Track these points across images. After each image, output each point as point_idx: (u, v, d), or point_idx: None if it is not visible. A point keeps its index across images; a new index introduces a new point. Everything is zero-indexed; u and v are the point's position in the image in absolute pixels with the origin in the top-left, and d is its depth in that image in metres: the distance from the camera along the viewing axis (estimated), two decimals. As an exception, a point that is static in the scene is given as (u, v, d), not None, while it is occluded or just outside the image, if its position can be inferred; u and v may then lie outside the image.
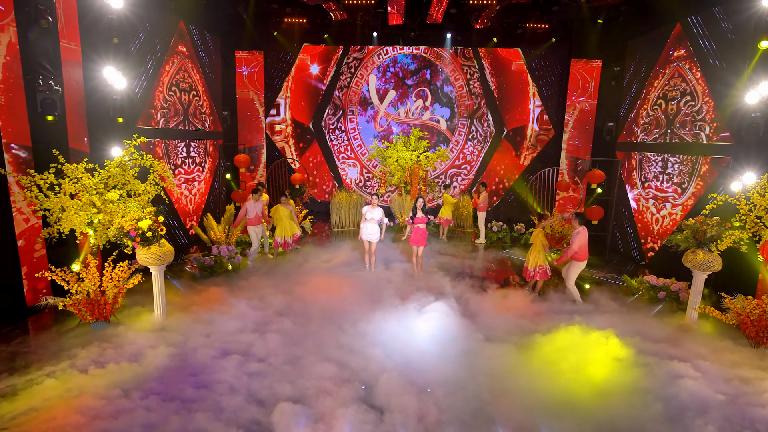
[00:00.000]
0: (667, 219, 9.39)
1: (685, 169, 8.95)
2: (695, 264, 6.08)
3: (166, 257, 5.37)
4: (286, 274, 7.79)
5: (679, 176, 9.09)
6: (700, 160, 8.56)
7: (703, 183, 8.51)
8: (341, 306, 6.26)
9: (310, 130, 14.21)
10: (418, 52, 13.84)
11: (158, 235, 5.23)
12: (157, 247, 5.25)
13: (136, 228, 5.05)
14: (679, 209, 9.07)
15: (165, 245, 5.37)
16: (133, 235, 5.06)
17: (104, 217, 5.39)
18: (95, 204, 5.38)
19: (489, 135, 14.21)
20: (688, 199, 8.82)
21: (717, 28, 8.17)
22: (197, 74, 10.14)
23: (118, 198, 5.48)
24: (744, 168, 7.40)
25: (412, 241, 8.03)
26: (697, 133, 8.64)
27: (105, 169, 5.66)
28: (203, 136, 10.42)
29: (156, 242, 5.26)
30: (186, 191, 9.74)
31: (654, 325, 6.24)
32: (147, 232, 5.10)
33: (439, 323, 5.89)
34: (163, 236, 5.36)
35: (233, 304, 6.20)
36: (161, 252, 5.27)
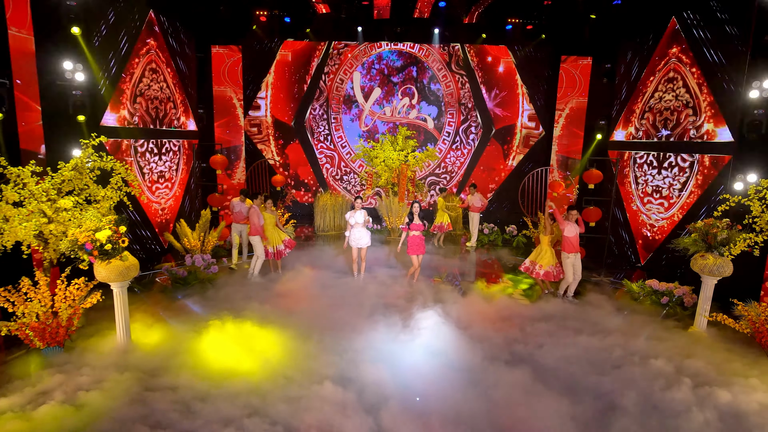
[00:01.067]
0: (663, 220, 9.13)
1: (683, 169, 8.68)
2: (705, 269, 5.74)
3: (130, 272, 4.73)
4: (265, 285, 7.18)
5: (676, 176, 8.83)
6: (699, 158, 8.30)
7: (702, 183, 8.24)
8: (330, 322, 5.68)
9: (292, 130, 13.58)
10: (404, 49, 13.36)
11: (119, 248, 4.59)
12: (118, 261, 4.60)
13: (93, 240, 4.40)
14: (677, 210, 8.81)
15: (128, 258, 4.72)
16: (90, 248, 4.40)
17: (56, 227, 4.71)
18: (45, 213, 4.70)
19: (477, 134, 13.84)
20: (687, 200, 8.56)
21: (715, 22, 7.90)
22: (169, 69, 9.43)
23: (72, 206, 4.81)
24: (746, 167, 7.13)
25: (411, 251, 7.46)
26: (694, 131, 8.38)
27: (58, 173, 4.98)
28: (176, 135, 9.71)
29: (117, 255, 4.61)
30: (158, 195, 9.02)
31: (665, 335, 5.88)
32: (106, 245, 4.45)
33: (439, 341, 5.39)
34: (126, 248, 4.72)
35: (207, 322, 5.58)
36: (123, 266, 4.63)
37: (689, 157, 8.51)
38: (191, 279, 6.99)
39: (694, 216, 8.38)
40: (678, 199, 8.75)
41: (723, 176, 7.69)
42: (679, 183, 8.73)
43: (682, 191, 8.66)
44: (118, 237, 4.57)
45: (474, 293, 7.25)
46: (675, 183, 8.82)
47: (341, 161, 13.96)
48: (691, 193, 8.45)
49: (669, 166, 8.99)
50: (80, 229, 4.48)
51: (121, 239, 4.56)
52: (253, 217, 7.28)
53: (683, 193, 8.63)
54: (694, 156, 8.39)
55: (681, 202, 8.70)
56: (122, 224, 4.68)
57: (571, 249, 7.03)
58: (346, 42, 13.11)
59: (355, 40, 13.05)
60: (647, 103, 9.59)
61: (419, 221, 7.46)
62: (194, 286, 6.94)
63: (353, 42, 13.11)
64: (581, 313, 6.58)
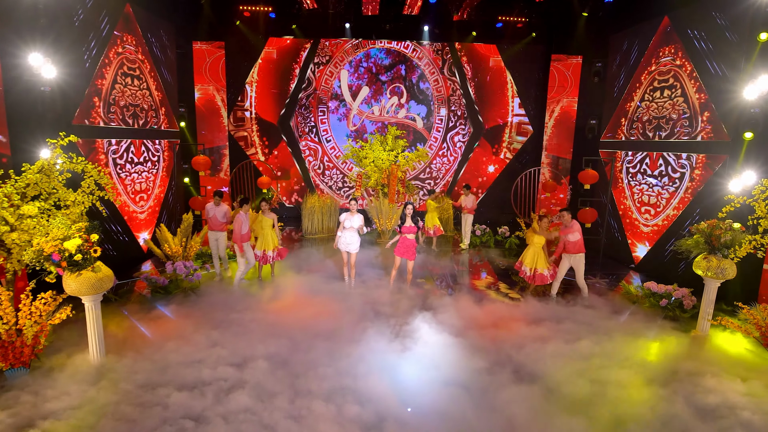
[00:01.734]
0: (655, 220, 9.04)
1: (676, 168, 8.60)
2: (708, 271, 5.59)
3: (103, 284, 4.32)
4: (251, 292, 6.79)
5: (669, 176, 8.74)
6: (693, 158, 8.22)
7: (696, 183, 8.16)
8: (322, 334, 5.33)
9: (278, 130, 13.17)
10: (392, 47, 13.07)
11: (91, 258, 4.18)
12: (90, 273, 4.19)
13: (61, 250, 3.99)
14: (671, 210, 8.72)
15: (101, 269, 4.31)
16: (57, 259, 3.99)
17: (20, 236, 4.28)
18: (7, 220, 4.26)
19: (468, 133, 13.64)
20: (681, 200, 8.47)
21: (709, 21, 7.81)
22: (148, 65, 8.95)
23: (38, 212, 4.38)
24: (742, 166, 7.05)
25: (399, 253, 7.19)
26: (688, 131, 8.30)
27: (22, 176, 4.54)
28: (156, 135, 9.23)
29: (89, 266, 4.20)
30: (136, 198, 8.54)
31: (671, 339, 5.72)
32: (76, 255, 4.04)
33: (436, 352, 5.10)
34: (99, 258, 4.31)
35: (191, 336, 5.18)
36: (96, 278, 4.22)
37: (683, 156, 8.43)
38: (172, 287, 6.56)
39: (688, 217, 8.31)
40: (671, 199, 8.66)
41: (718, 176, 7.60)
42: (673, 183, 8.64)
43: (675, 191, 8.57)
44: (90, 246, 4.16)
45: (468, 297, 7.00)
46: (668, 183, 8.73)
47: (324, 155, 13.53)
48: (686, 193, 8.36)
49: (662, 166, 8.91)
50: (47, 238, 4.06)
51: (93, 248, 4.15)
52: (236, 224, 6.81)
53: (677, 194, 8.54)
54: (689, 156, 8.30)
55: (674, 203, 8.61)
56: (94, 232, 4.27)
57: (582, 249, 7.05)
58: (334, 39, 12.77)
59: (342, 37, 12.72)
60: (639, 102, 9.50)
61: (411, 223, 7.16)
62: (176, 295, 6.51)
63: (341, 39, 12.79)
64: (580, 317, 6.39)
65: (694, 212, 8.19)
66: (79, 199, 4.73)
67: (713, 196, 7.67)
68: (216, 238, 7.37)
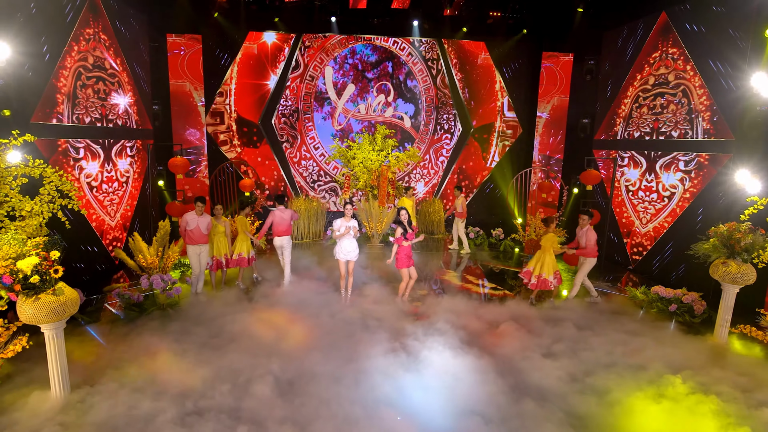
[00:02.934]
0: (654, 221, 8.85)
1: (676, 168, 8.41)
2: (727, 276, 5.33)
3: (66, 309, 3.68)
4: (236, 308, 6.15)
5: (669, 176, 8.55)
6: (694, 158, 8.03)
7: (698, 183, 7.98)
8: (321, 359, 4.79)
9: (259, 129, 12.48)
10: (377, 42, 12.57)
11: (51, 279, 3.53)
12: (49, 297, 3.55)
13: (13, 271, 3.34)
14: (669, 211, 8.53)
15: (63, 292, 3.67)
16: (9, 282, 3.34)
17: (-38, 254, 3.60)
18: (-54, 235, 3.57)
19: (455, 135, 13.28)
20: (681, 201, 8.28)
21: (710, 17, 7.63)
22: (118, 58, 8.18)
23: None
24: (748, 166, 6.87)
25: (402, 264, 6.58)
26: (688, 129, 8.11)
27: (-34, 182, 3.85)
28: (127, 135, 8.47)
29: (48, 289, 3.55)
30: (105, 204, 7.77)
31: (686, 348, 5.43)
32: (32, 276, 3.39)
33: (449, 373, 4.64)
34: (60, 278, 3.67)
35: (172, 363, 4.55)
36: (57, 303, 3.57)
37: (683, 155, 8.24)
38: (149, 304, 5.88)
39: (689, 218, 8.13)
40: (671, 200, 8.48)
41: (722, 175, 7.42)
42: (673, 183, 8.46)
43: (676, 192, 8.38)
44: (50, 265, 3.52)
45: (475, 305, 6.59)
46: (668, 183, 8.54)
47: (303, 144, 12.83)
48: (686, 194, 8.17)
49: (662, 166, 8.72)
50: (-4, 256, 3.40)
51: (53, 268, 3.51)
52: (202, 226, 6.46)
53: (677, 195, 8.35)
54: (689, 155, 8.12)
55: (674, 204, 8.42)
56: (55, 248, 3.62)
57: (596, 254, 6.97)
58: (318, 34, 12.19)
59: (327, 32, 12.15)
60: (636, 100, 9.30)
61: (408, 229, 6.67)
62: (153, 312, 5.83)
63: (326, 34, 12.21)
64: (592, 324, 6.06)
65: (696, 212, 8.01)
66: (36, 208, 4.05)
67: (718, 196, 7.50)
68: (199, 252, 6.64)
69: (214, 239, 6.77)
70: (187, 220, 6.44)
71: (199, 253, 6.66)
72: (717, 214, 7.52)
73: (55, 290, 3.59)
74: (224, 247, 6.95)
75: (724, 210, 7.32)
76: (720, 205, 7.43)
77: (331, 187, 13.07)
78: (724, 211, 7.35)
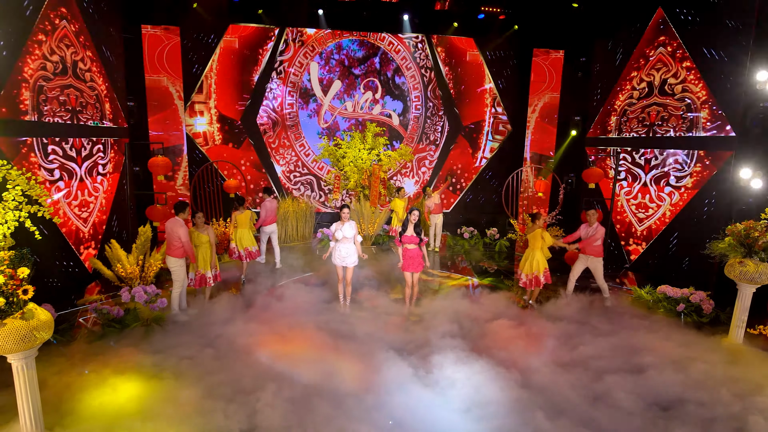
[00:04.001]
0: (652, 218, 8.77)
1: (673, 166, 8.34)
2: (744, 276, 5.19)
3: (38, 335, 3.14)
4: (230, 325, 5.55)
5: (666, 173, 8.48)
6: (694, 155, 7.97)
7: (697, 181, 7.92)
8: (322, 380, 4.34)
9: (241, 127, 11.88)
10: (364, 38, 12.17)
11: (19, 301, 3.00)
12: (17, 322, 3.01)
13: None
14: (668, 209, 8.47)
15: (33, 315, 3.13)
16: (-32, 307, 2.80)
17: None
18: None
19: (444, 131, 13.01)
20: (680, 198, 8.22)
21: (709, 11, 7.56)
22: (89, 51, 7.49)
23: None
24: (750, 163, 6.81)
25: (406, 268, 6.27)
26: (688, 126, 8.04)
27: None
28: (100, 133, 7.78)
29: (16, 313, 3.01)
30: (77, 208, 7.09)
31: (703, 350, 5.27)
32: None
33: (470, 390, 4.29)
34: (31, 299, 3.13)
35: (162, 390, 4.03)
36: (26, 329, 3.04)
37: (682, 152, 8.17)
38: (131, 319, 5.30)
39: (689, 215, 8.07)
40: (670, 197, 8.41)
41: (724, 172, 7.37)
42: (672, 180, 8.39)
43: (675, 189, 8.32)
44: (17, 285, 2.98)
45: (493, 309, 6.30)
46: (667, 180, 8.47)
47: (283, 131, 12.27)
48: (685, 195, 8.11)
49: (658, 163, 8.64)
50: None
51: (21, 288, 2.98)
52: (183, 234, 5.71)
53: (676, 192, 8.28)
54: (684, 170, 8.07)
55: (673, 201, 8.36)
56: (24, 264, 3.08)
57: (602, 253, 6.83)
58: (304, 28, 11.69)
59: (314, 26, 11.66)
60: (631, 97, 9.20)
61: (413, 233, 6.30)
62: (135, 329, 5.26)
63: (312, 28, 11.72)
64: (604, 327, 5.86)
65: (696, 209, 7.95)
66: (1, 217, 3.48)
67: (720, 193, 7.45)
68: (183, 264, 5.95)
69: (198, 252, 6.01)
70: (171, 229, 5.71)
71: (183, 265, 5.91)
72: (718, 211, 7.48)
73: (24, 313, 3.05)
74: (209, 260, 6.10)
75: (726, 207, 7.27)
76: (721, 202, 7.37)
77: (307, 180, 12.54)
78: (725, 208, 7.31)
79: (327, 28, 11.67)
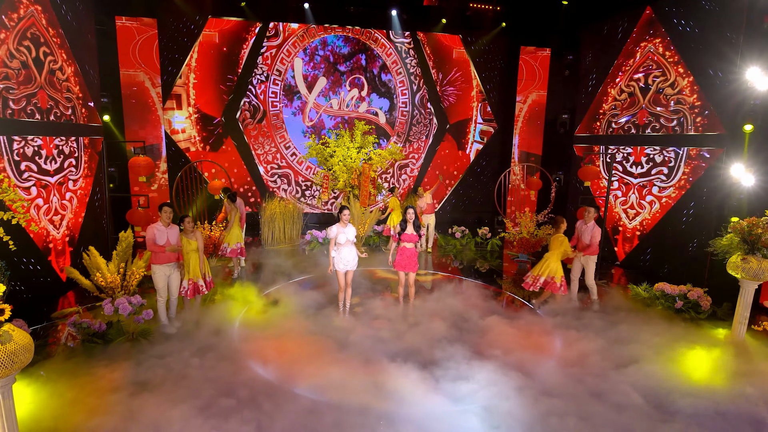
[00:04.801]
0: (642, 215, 8.84)
1: (660, 163, 8.42)
2: (748, 273, 5.19)
3: (15, 360, 2.74)
4: (222, 338, 5.15)
5: (653, 171, 8.55)
6: (683, 152, 8.04)
7: (686, 178, 8.00)
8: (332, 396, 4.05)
9: (222, 125, 11.39)
10: (350, 34, 11.87)
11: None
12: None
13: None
14: (657, 206, 8.54)
15: (10, 337, 2.74)
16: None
17: None
18: None
19: (432, 129, 12.86)
20: (669, 196, 8.29)
21: (698, 10, 7.62)
22: (58, 39, 6.93)
23: None
24: (744, 161, 6.90)
25: (399, 266, 6.11)
26: (676, 124, 8.11)
27: None
28: (73, 131, 7.23)
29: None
30: (48, 212, 6.54)
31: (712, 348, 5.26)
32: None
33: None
34: (8, 320, 2.74)
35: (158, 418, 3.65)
36: (3, 354, 2.64)
37: (672, 150, 8.25)
38: (114, 333, 4.87)
39: (679, 212, 8.14)
40: (660, 195, 8.48)
41: (716, 168, 7.45)
42: (657, 178, 8.46)
43: (665, 187, 8.39)
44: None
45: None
46: (656, 178, 8.54)
47: (265, 118, 11.84)
48: (674, 193, 8.18)
49: (646, 161, 8.71)
50: None
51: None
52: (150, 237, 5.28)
53: (666, 189, 8.36)
54: (680, 150, 8.13)
55: (663, 198, 8.43)
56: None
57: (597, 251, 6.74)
58: (288, 22, 11.31)
59: (299, 20, 11.29)
60: (620, 95, 9.25)
61: (413, 231, 6.11)
62: (120, 344, 4.83)
63: (296, 23, 11.35)
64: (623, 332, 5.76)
65: (686, 207, 8.03)
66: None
67: (710, 190, 7.53)
68: (169, 273, 5.38)
69: (188, 259, 5.54)
70: (154, 233, 5.23)
71: (169, 274, 5.39)
72: (709, 208, 7.57)
73: (0, 337, 2.66)
74: (199, 267, 5.58)
75: (716, 204, 7.36)
76: (715, 199, 7.44)
77: (285, 173, 12.15)
78: (716, 205, 7.39)
79: (313, 23, 11.32)
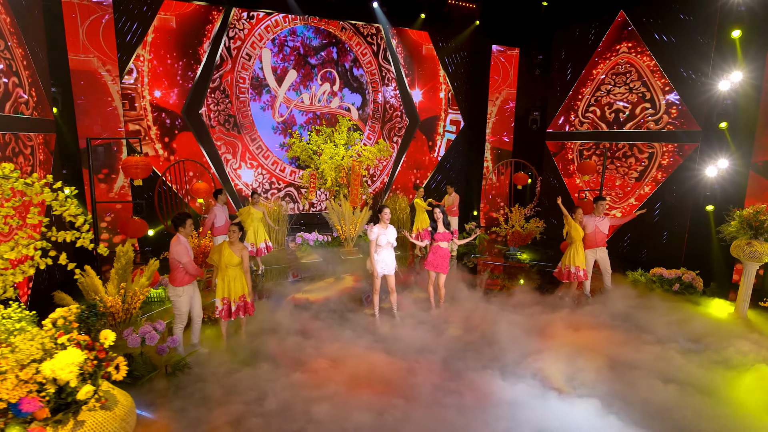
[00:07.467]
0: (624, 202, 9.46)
1: (635, 159, 9.09)
2: (753, 256, 5.76)
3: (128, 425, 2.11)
4: (274, 367, 4.41)
5: (626, 165, 9.22)
6: (658, 148, 8.74)
7: (662, 171, 8.70)
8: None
9: (183, 121, 10.25)
10: (318, 24, 11.30)
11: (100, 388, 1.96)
12: (98, 415, 1.97)
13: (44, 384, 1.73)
14: (632, 199, 9.21)
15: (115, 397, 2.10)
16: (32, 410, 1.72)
17: None
18: None
19: (402, 127, 12.74)
20: (644, 189, 8.98)
21: (673, 18, 8.28)
22: (8, 18, 5.64)
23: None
24: (717, 155, 7.66)
25: (431, 265, 5.87)
26: (651, 121, 8.79)
27: None
28: (24, 127, 5.97)
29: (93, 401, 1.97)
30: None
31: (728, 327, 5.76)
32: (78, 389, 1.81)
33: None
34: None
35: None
36: (115, 421, 2.01)
37: (647, 146, 8.93)
38: (141, 368, 4.05)
39: (653, 204, 8.85)
40: (636, 188, 9.15)
41: (691, 160, 8.18)
42: (636, 172, 9.14)
43: (640, 180, 9.06)
44: (102, 359, 1.94)
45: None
46: (631, 172, 9.21)
47: (243, 106, 11.05)
48: (649, 185, 8.88)
49: (622, 156, 9.36)
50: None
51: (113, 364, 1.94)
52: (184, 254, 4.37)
53: (642, 183, 9.04)
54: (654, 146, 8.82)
55: (637, 192, 9.11)
56: (95, 320, 2.03)
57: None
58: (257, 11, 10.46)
59: (268, 7, 10.48)
60: (594, 93, 9.82)
61: (444, 229, 5.94)
62: (155, 380, 4.02)
63: (265, 10, 10.53)
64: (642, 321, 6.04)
65: (661, 198, 8.73)
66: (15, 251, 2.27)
67: (685, 181, 8.27)
68: (192, 293, 4.58)
69: (225, 275, 4.60)
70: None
71: (192, 294, 4.54)
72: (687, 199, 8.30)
73: (103, 399, 2.00)
74: (241, 284, 4.69)
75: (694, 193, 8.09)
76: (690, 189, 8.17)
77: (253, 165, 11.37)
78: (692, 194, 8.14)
79: (300, 13, 10.58)
